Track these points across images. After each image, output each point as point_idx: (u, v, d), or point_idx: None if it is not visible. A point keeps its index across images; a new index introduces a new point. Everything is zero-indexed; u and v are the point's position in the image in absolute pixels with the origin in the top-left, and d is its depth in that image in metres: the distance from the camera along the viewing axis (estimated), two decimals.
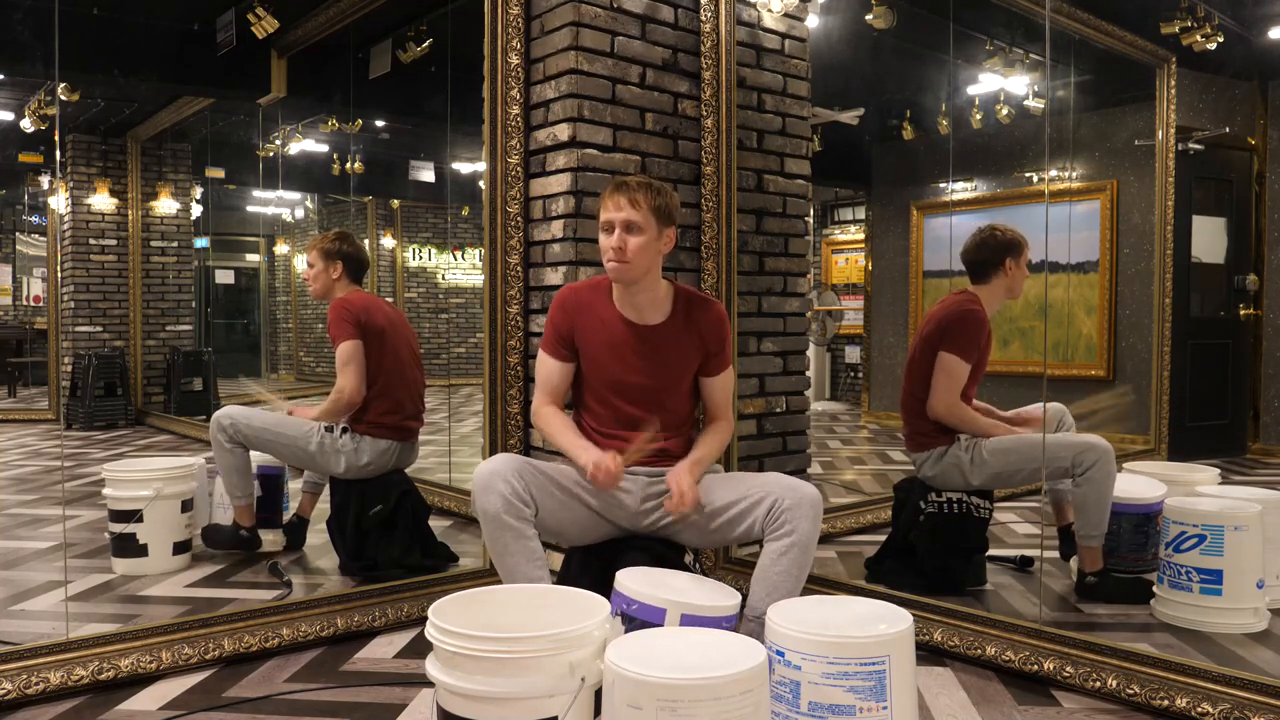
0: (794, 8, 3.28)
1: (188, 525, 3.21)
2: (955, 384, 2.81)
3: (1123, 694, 2.09)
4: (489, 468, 2.05)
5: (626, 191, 2.14)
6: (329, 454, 3.05)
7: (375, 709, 2.10)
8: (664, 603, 1.81)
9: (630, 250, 2.12)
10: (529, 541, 2.03)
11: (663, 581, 1.92)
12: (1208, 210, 5.32)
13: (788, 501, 2.02)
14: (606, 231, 2.15)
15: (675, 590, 1.87)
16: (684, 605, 1.82)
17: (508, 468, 2.05)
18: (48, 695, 2.11)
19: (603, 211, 2.16)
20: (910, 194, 5.98)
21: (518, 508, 2.02)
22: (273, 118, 6.07)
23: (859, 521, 3.71)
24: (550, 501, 2.11)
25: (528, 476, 2.07)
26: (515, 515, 2.01)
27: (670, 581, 1.94)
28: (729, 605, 1.87)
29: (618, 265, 2.13)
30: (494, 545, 2.03)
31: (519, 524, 2.02)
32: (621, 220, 2.12)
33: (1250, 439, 5.27)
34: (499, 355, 2.84)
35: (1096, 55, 4.78)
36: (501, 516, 2.00)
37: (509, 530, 2.01)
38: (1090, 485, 2.70)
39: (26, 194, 8.55)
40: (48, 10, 3.89)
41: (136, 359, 7.23)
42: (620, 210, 2.13)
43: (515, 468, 2.06)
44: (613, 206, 2.14)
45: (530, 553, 2.04)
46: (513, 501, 2.01)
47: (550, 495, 2.11)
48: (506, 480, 2.02)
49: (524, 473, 2.07)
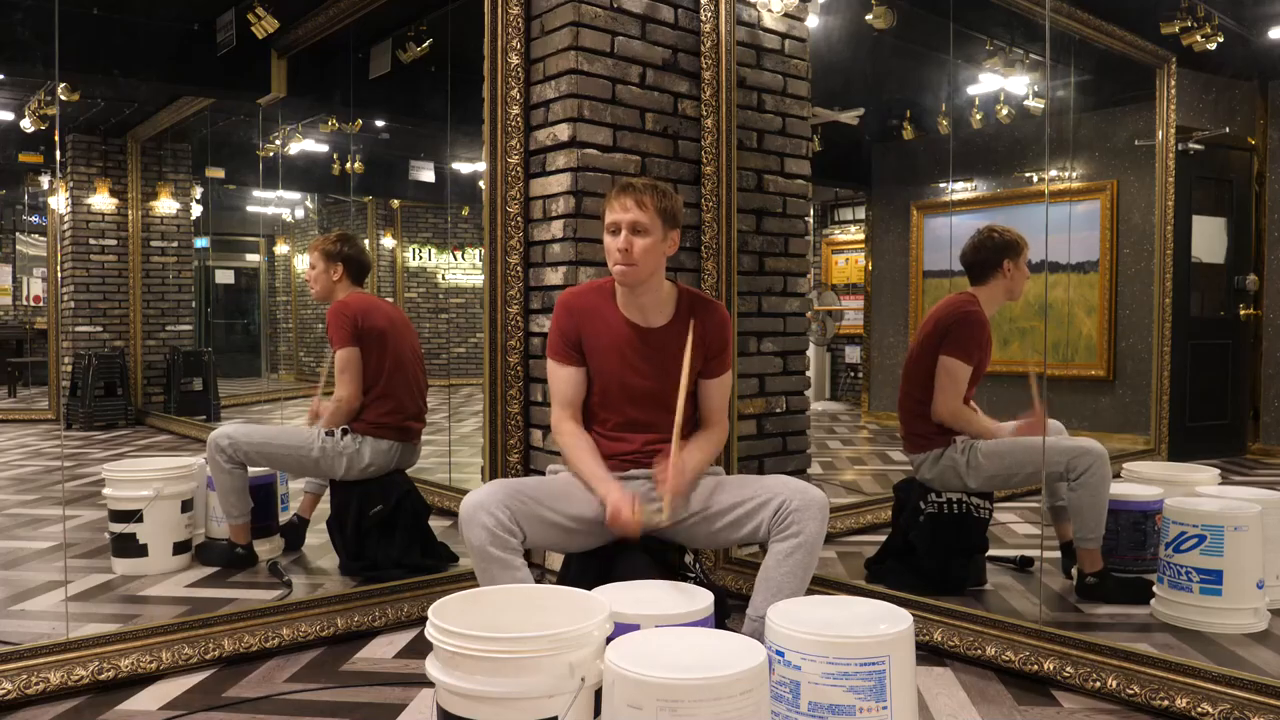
0: (794, 8, 3.28)
1: (188, 525, 3.21)
2: (958, 387, 2.81)
3: (1123, 694, 2.09)
4: (474, 499, 2.01)
5: (633, 193, 2.12)
6: (331, 458, 3.05)
7: (375, 709, 2.10)
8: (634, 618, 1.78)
9: (637, 252, 2.10)
10: (516, 571, 2.00)
11: (632, 596, 1.89)
12: (1208, 210, 5.32)
13: (796, 503, 2.02)
14: (613, 233, 2.13)
15: (643, 603, 1.85)
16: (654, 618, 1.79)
17: (492, 499, 2.00)
18: (48, 695, 2.11)
19: (608, 213, 2.15)
20: (910, 194, 5.98)
21: (503, 539, 1.98)
22: (273, 118, 6.06)
23: (859, 521, 3.71)
24: (541, 526, 2.07)
25: (514, 505, 2.02)
26: (501, 546, 1.98)
27: (639, 594, 1.91)
28: (699, 609, 1.84)
29: (625, 268, 2.12)
30: (482, 576, 2.01)
31: (505, 555, 1.99)
32: (628, 222, 2.11)
33: (1250, 439, 5.27)
34: (499, 355, 2.84)
35: (1096, 55, 4.78)
36: (487, 549, 1.97)
37: (496, 562, 1.99)
38: (1085, 489, 2.70)
39: (26, 194, 8.55)
40: (48, 10, 3.89)
41: (136, 359, 7.23)
42: (627, 212, 2.11)
43: (501, 498, 2.01)
44: (619, 208, 2.12)
45: (519, 583, 2.02)
46: (497, 534, 1.98)
47: (540, 520, 2.07)
48: (490, 513, 1.98)
49: (510, 502, 2.02)
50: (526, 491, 2.09)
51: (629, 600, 1.84)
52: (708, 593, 1.91)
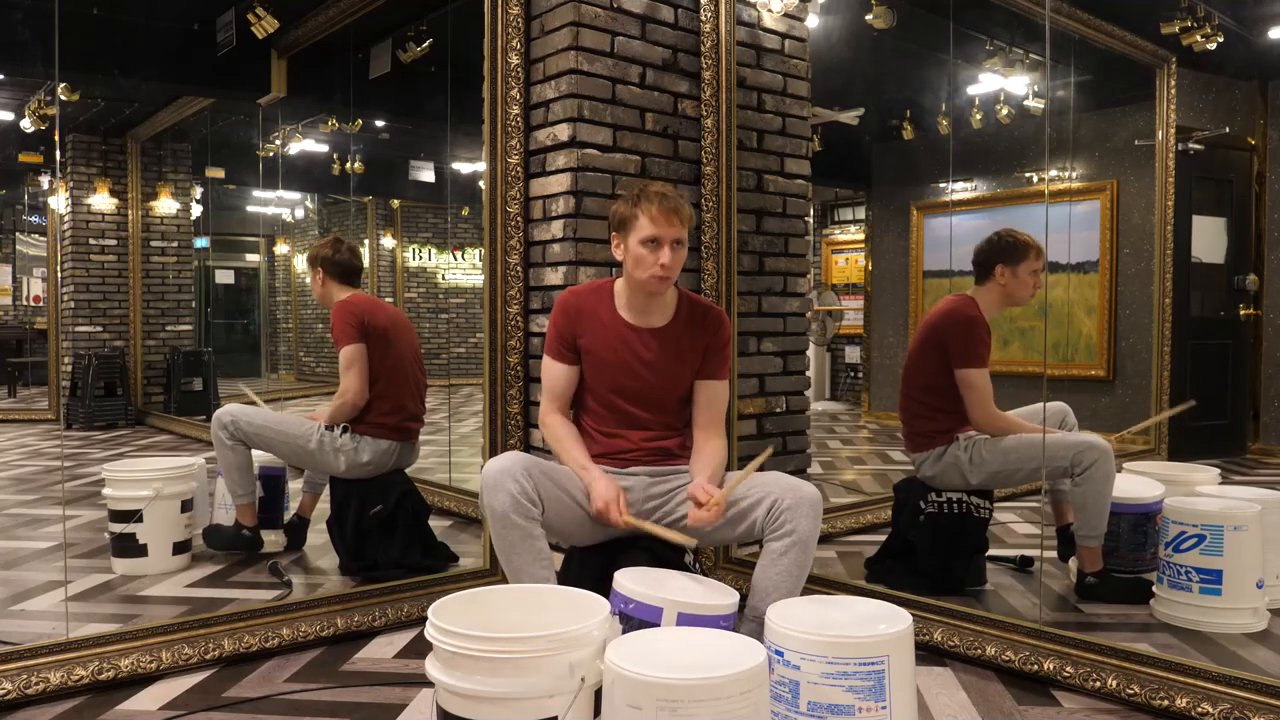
0: (794, 8, 3.28)
1: (188, 525, 3.21)
2: (986, 395, 2.81)
3: (1123, 694, 2.09)
4: (499, 465, 2.03)
5: (673, 204, 2.13)
6: (328, 452, 3.06)
7: (375, 709, 2.10)
8: (661, 602, 1.81)
9: (675, 266, 2.14)
10: (536, 541, 2.02)
11: (660, 581, 1.92)
12: (1208, 210, 5.32)
13: (788, 501, 2.02)
14: (651, 246, 2.13)
15: (672, 589, 1.87)
16: (681, 604, 1.82)
17: (517, 466, 2.03)
18: (48, 695, 2.11)
19: (647, 224, 2.13)
20: (910, 194, 5.97)
21: (526, 507, 2.00)
22: (273, 118, 6.06)
23: (859, 521, 3.71)
24: (556, 503, 2.10)
25: (535, 476, 2.06)
26: (523, 515, 2.00)
27: (668, 581, 1.94)
28: (726, 604, 1.87)
29: (664, 281, 2.15)
30: (501, 544, 2.03)
31: (527, 523, 2.01)
32: (673, 238, 2.13)
33: (1250, 439, 5.26)
34: (499, 355, 2.84)
35: (1096, 55, 4.78)
36: (510, 515, 1.99)
37: (517, 529, 2.00)
38: (1089, 485, 2.70)
39: (26, 194, 8.55)
40: (48, 10, 3.89)
41: (136, 359, 7.23)
42: (672, 227, 2.13)
43: (524, 466, 2.05)
44: (664, 222, 2.12)
45: (537, 553, 2.03)
46: (521, 501, 2.00)
47: (556, 497, 2.11)
48: (516, 479, 2.00)
49: (532, 472, 2.05)
50: (543, 466, 2.12)
51: (658, 585, 1.86)
52: (733, 592, 1.93)
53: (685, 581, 1.97)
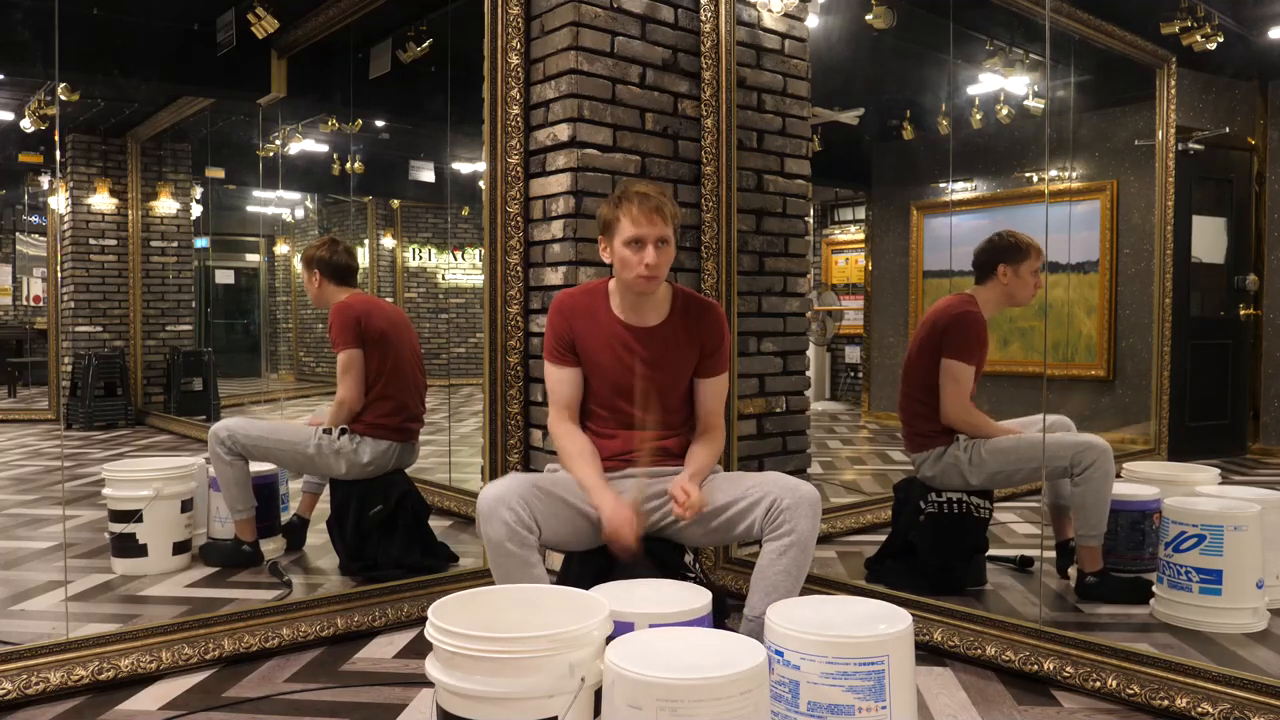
0: (794, 8, 3.28)
1: (188, 525, 3.21)
2: (964, 389, 2.82)
3: (1123, 694, 2.09)
4: (493, 492, 2.01)
5: (654, 204, 2.12)
6: (328, 456, 3.05)
7: (375, 709, 2.10)
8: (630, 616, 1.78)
9: (661, 265, 2.13)
10: (533, 569, 2.00)
11: (629, 593, 1.89)
12: (1208, 210, 5.32)
13: (787, 501, 2.02)
14: (635, 247, 2.11)
15: (640, 601, 1.85)
16: (650, 615, 1.79)
17: (512, 493, 2.01)
18: (48, 695, 2.11)
19: (629, 226, 2.11)
20: (910, 194, 5.97)
21: (521, 535, 1.99)
22: (273, 118, 6.06)
23: (859, 521, 3.71)
24: (554, 521, 2.08)
25: (532, 500, 2.03)
26: (519, 543, 1.98)
27: (636, 592, 1.91)
28: (697, 608, 1.84)
29: (651, 280, 2.14)
30: (498, 571, 2.01)
31: (523, 551, 1.99)
32: (656, 237, 2.11)
33: (1250, 439, 5.26)
34: (499, 355, 2.84)
35: (1096, 55, 4.78)
36: (505, 545, 1.98)
37: (513, 558, 1.99)
38: (1089, 485, 2.70)
39: (26, 194, 8.55)
40: (48, 10, 3.89)
41: (136, 359, 7.23)
42: (655, 227, 2.11)
43: (520, 492, 2.02)
44: (645, 222, 2.10)
45: (534, 580, 2.01)
46: (516, 529, 1.98)
47: (554, 515, 2.09)
48: (511, 508, 1.98)
49: (528, 497, 2.03)
50: (540, 485, 2.10)
51: (625, 598, 1.84)
52: (705, 591, 1.91)
53: (653, 590, 1.93)
